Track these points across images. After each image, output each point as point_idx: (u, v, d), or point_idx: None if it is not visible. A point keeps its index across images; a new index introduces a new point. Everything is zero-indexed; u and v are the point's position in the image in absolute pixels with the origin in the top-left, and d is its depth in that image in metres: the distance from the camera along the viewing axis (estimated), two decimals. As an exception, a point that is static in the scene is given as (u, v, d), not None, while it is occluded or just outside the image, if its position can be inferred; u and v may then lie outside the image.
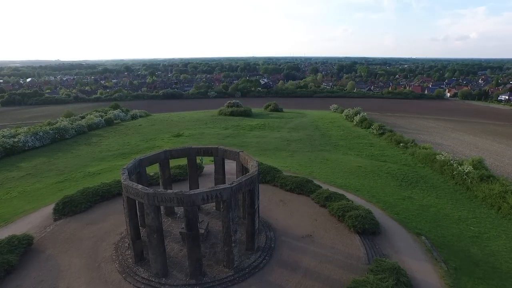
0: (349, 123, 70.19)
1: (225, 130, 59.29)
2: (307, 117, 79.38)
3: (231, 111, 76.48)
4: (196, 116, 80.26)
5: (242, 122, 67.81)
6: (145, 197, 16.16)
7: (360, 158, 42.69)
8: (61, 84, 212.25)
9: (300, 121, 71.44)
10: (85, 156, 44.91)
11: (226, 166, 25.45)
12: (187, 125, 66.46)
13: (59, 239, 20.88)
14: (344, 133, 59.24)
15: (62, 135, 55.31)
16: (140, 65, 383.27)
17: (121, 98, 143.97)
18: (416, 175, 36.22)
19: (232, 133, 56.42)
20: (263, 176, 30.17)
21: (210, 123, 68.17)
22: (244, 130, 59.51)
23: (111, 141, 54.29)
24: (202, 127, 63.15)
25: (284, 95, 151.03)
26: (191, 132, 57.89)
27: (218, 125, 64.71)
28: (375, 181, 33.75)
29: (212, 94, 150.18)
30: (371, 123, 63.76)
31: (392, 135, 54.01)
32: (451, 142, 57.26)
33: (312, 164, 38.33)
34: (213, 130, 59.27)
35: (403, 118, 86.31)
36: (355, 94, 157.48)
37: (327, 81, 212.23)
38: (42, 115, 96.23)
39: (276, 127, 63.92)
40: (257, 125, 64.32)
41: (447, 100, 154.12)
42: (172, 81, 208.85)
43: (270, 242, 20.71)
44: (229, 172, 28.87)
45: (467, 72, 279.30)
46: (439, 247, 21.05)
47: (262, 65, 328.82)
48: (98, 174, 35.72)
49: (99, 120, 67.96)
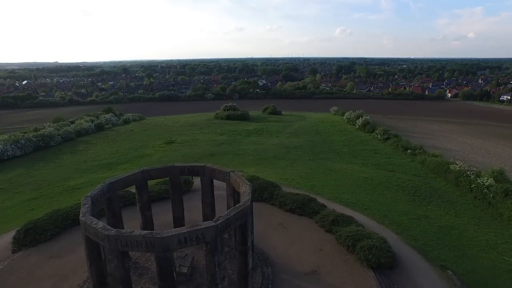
0: (351, 127, 66.53)
1: (221, 136, 55.57)
2: (307, 120, 75.73)
3: (228, 114, 72.71)
4: (191, 120, 76.54)
5: (238, 127, 64.07)
6: (105, 240, 12.49)
7: (366, 168, 39.05)
8: (57, 87, 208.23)
9: (300, 125, 67.77)
10: (68, 166, 41.15)
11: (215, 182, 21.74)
12: (181, 130, 62.73)
13: (10, 281, 17.13)
14: (346, 138, 55.59)
15: (46, 142, 51.53)
16: (138, 66, 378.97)
17: (116, 101, 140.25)
18: (429, 187, 32.61)
19: (227, 140, 52.68)
20: (259, 194, 26.50)
21: (205, 128, 64.44)
22: (241, 136, 55.77)
23: (98, 148, 50.54)
24: (196, 133, 59.44)
25: (282, 96, 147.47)
26: (184, 138, 54.16)
27: (214, 130, 60.95)
28: (384, 195, 30.11)
29: (210, 96, 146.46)
30: (375, 127, 60.16)
31: (398, 140, 50.42)
32: (459, 147, 53.68)
33: (314, 176, 34.66)
34: (207, 136, 55.55)
35: (406, 121, 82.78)
36: (355, 95, 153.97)
37: (326, 82, 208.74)
38: (34, 119, 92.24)
39: (275, 132, 60.22)
40: (255, 130, 60.60)
41: (448, 101, 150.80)
42: (170, 83, 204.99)
43: (267, 282, 17.00)
44: (221, 187, 25.21)
45: (466, 72, 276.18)
46: (471, 285, 17.41)
47: (261, 66, 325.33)
48: (77, 189, 32.02)
49: (88, 125, 64.20)
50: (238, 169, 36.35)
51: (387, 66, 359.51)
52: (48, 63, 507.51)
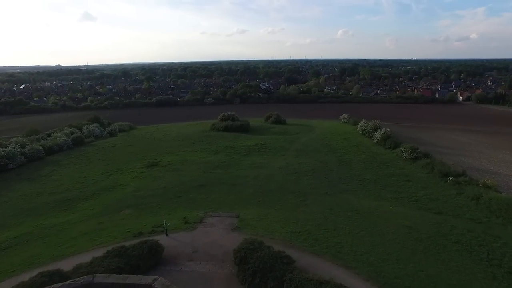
0: (367, 141, 56.29)
1: (215, 156, 45.54)
2: (315, 131, 65.57)
3: (226, 126, 62.56)
4: (184, 131, 66.59)
5: (237, 142, 53.98)
6: None
7: (402, 207, 28.94)
8: (54, 91, 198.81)
9: (309, 139, 57.59)
10: (12, 204, 31.34)
11: (206, 238, 12.54)
12: (170, 146, 52.77)
13: None
14: (366, 158, 45.43)
15: (4, 165, 41.77)
16: (139, 69, 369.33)
17: (111, 106, 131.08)
18: (504, 246, 22.43)
19: (223, 161, 42.61)
20: (262, 278, 16.49)
21: (199, 142, 54.45)
22: (239, 155, 45.69)
23: (65, 173, 40.73)
24: (187, 150, 49.43)
25: (286, 100, 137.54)
26: (171, 158, 44.25)
27: (208, 147, 50.87)
28: (446, 265, 20.05)
29: (209, 101, 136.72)
30: (397, 143, 50.03)
31: (432, 162, 40.30)
32: (505, 168, 43.32)
33: (337, 224, 24.65)
34: (199, 156, 45.55)
35: (426, 130, 72.48)
36: (362, 99, 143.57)
37: (330, 85, 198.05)
38: (20, 127, 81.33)
39: (280, 148, 50.09)
40: (256, 146, 50.56)
41: (461, 105, 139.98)
42: (169, 86, 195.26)
43: None
44: (207, 253, 15.52)
45: (473, 73, 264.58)
46: None
47: (262, 69, 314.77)
48: (3, 250, 22.17)
49: (63, 141, 54.35)
50: (233, 211, 26.43)
51: (391, 68, 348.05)
52: (50, 67, 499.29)
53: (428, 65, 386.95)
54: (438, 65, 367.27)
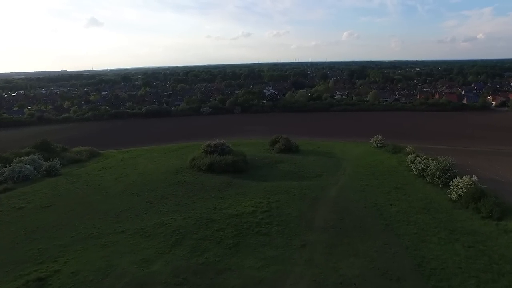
0: (436, 194, 33.35)
1: (167, 256, 22.85)
2: (343, 167, 42.76)
3: (211, 163, 39.64)
4: (153, 167, 44.31)
5: (223, 202, 31.08)
6: None
7: None
8: (46, 99, 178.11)
9: (339, 191, 34.49)
10: None
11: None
12: (102, 216, 30.14)
13: None
14: (470, 255, 22.58)
15: None
16: (141, 74, 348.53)
17: (95, 118, 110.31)
18: None
19: (179, 282, 19.87)
20: None
21: (158, 203, 31.58)
22: (219, 249, 22.64)
23: None
24: (124, 231, 26.68)
25: (293, 109, 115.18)
26: (75, 266, 21.75)
27: (167, 220, 27.84)
28: None
29: (206, 111, 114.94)
30: (501, 206, 27.20)
31: None
32: None
33: None
34: (137, 257, 22.93)
35: (479, 156, 49.57)
36: (380, 107, 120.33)
37: (340, 89, 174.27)
38: None
39: (295, 221, 27.18)
40: (253, 217, 27.77)
41: (497, 111, 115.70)
42: (165, 92, 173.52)
43: None
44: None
45: (492, 74, 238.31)
46: None
47: (267, 72, 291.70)
48: None
49: None
50: None
51: (399, 70, 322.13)
52: (55, 72, 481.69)
53: (437, 66, 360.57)
54: (449, 66, 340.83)
